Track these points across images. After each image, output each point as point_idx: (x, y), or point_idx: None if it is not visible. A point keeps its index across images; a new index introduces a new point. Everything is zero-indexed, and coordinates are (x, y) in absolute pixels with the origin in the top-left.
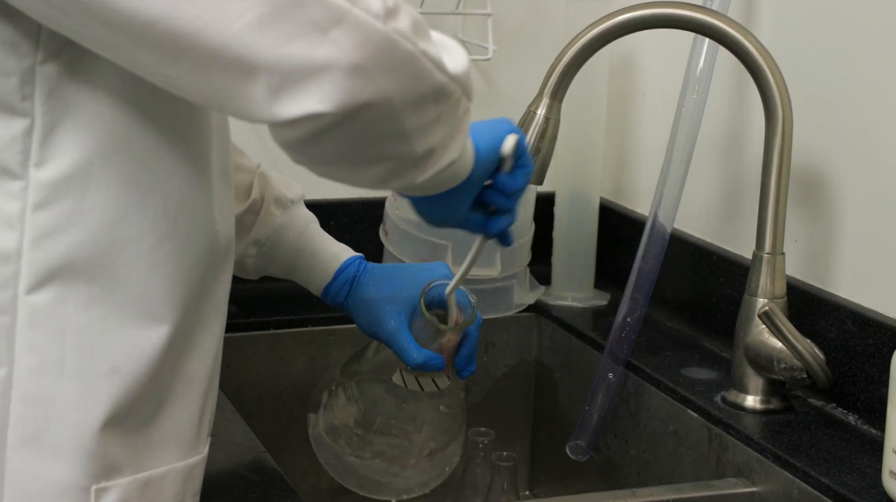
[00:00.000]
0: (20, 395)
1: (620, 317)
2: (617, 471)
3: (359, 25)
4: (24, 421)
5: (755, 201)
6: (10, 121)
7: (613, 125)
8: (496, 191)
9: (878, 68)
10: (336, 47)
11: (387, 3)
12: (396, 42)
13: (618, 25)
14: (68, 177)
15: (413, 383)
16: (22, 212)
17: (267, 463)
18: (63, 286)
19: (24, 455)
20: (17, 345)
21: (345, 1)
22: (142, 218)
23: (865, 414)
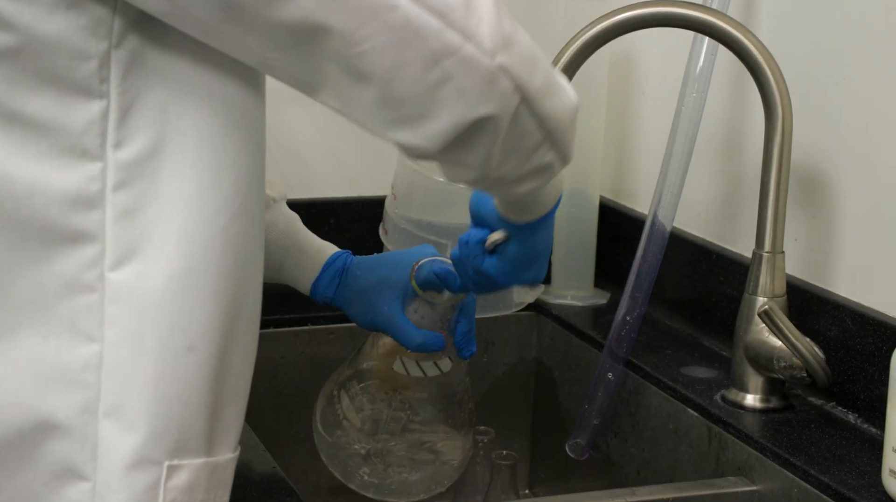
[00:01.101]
0: (107, 368)
1: (620, 316)
2: (616, 470)
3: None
4: (108, 393)
5: (755, 200)
6: (88, 103)
7: (613, 124)
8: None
9: (878, 68)
10: (458, 96)
11: (504, 30)
12: (507, 70)
13: (617, 24)
14: (144, 157)
15: (415, 369)
16: (102, 192)
17: (267, 463)
18: (143, 263)
19: (106, 426)
20: (105, 321)
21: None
22: (215, 196)
23: (865, 413)
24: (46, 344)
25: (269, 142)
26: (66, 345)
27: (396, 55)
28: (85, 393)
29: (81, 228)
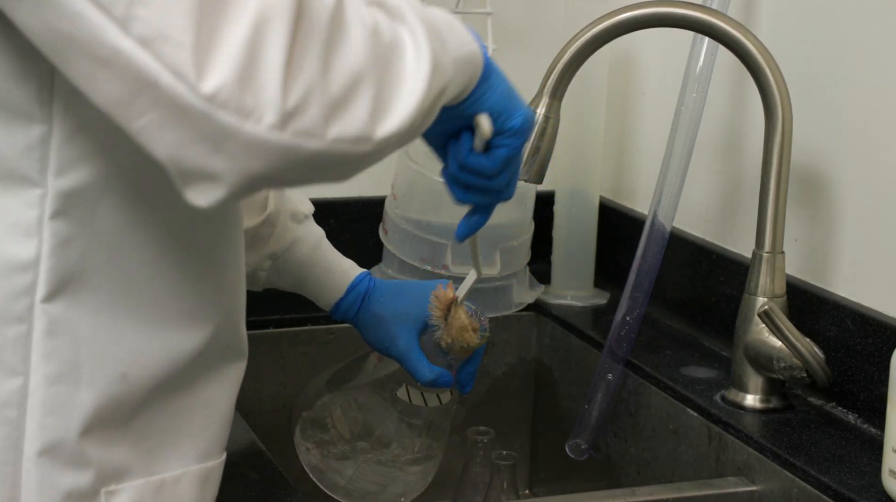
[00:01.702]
0: (38, 404)
1: (620, 316)
2: (616, 470)
3: (250, 143)
4: (42, 430)
5: (755, 200)
6: (28, 127)
7: (613, 124)
8: (466, 170)
9: (878, 68)
10: (231, 161)
11: (288, 102)
12: (298, 147)
13: (617, 24)
14: (86, 186)
15: (418, 398)
16: (40, 220)
17: (267, 462)
18: (77, 293)
19: (41, 464)
20: (33, 354)
21: (235, 117)
22: (147, 228)
23: (865, 413)
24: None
25: None
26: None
27: (177, 135)
28: (7, 429)
29: (14, 256)
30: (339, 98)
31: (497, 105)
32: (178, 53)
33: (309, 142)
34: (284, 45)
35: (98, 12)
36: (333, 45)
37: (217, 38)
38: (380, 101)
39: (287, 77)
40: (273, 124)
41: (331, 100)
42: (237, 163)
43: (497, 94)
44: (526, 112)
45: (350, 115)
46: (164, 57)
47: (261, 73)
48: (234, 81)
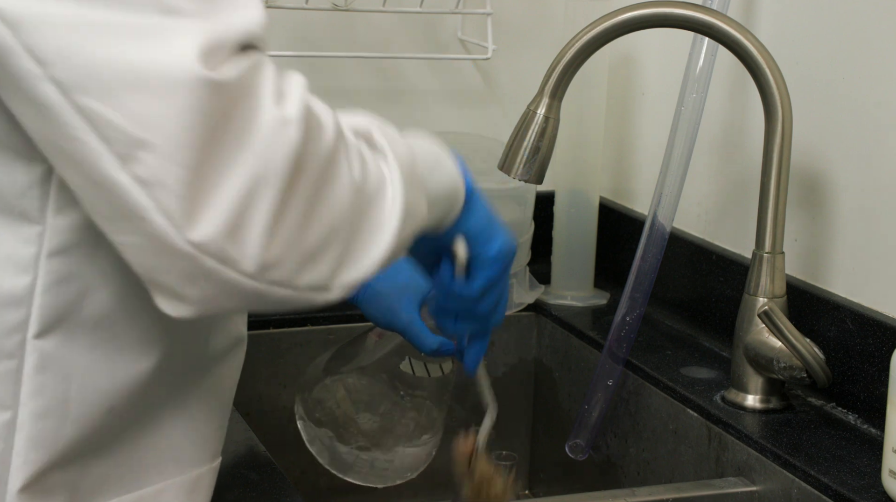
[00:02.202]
0: (24, 439)
1: (620, 316)
2: (616, 470)
3: (226, 285)
4: (26, 465)
5: (755, 200)
6: (29, 166)
7: (613, 124)
8: (450, 296)
9: (879, 68)
10: (203, 294)
11: (267, 255)
12: (269, 292)
13: (617, 25)
14: (85, 224)
15: (421, 369)
16: (37, 257)
17: (267, 462)
18: (70, 330)
19: (21, 499)
20: (23, 389)
21: (216, 263)
22: None
23: (865, 414)
24: None
25: None
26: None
27: (155, 262)
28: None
29: (9, 292)
30: (313, 250)
31: (474, 230)
32: (173, 201)
33: (280, 289)
34: (273, 207)
35: (99, 143)
36: (318, 200)
37: (211, 193)
38: (349, 254)
39: (270, 233)
40: (251, 274)
41: (305, 252)
42: (209, 297)
43: (476, 219)
44: (504, 239)
45: (320, 266)
46: (158, 200)
47: (247, 229)
48: (222, 234)
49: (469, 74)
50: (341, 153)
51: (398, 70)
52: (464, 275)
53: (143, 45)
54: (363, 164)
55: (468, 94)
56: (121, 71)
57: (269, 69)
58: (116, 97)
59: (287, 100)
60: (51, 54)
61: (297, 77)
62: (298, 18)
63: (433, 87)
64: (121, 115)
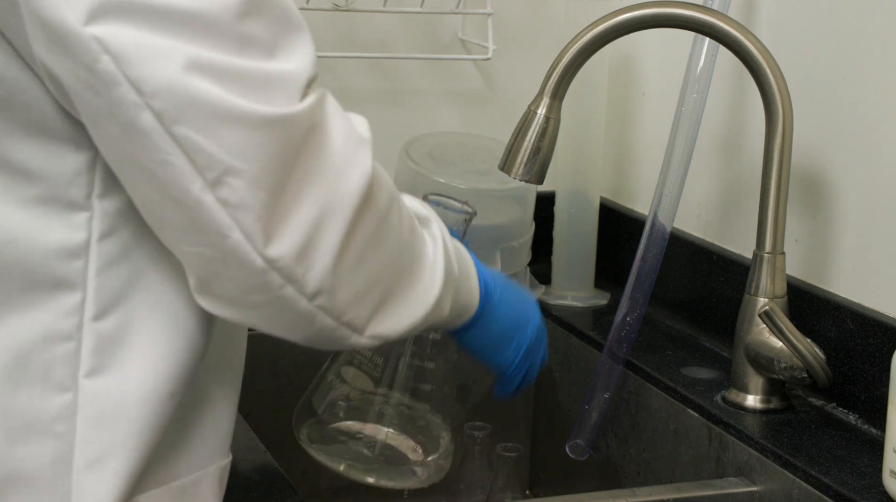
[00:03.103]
0: (85, 419)
1: (620, 317)
2: (617, 471)
3: (281, 300)
4: (86, 443)
5: (755, 200)
6: (76, 154)
7: (613, 125)
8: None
9: (879, 68)
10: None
11: (325, 282)
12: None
13: (618, 25)
14: (129, 207)
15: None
16: (87, 241)
17: (267, 463)
18: (127, 313)
19: (84, 477)
20: (80, 371)
21: (282, 280)
22: None
23: (866, 414)
24: (17, 394)
25: None
26: (38, 396)
27: (218, 271)
28: (55, 443)
29: (63, 277)
30: (363, 289)
31: (480, 346)
32: (254, 222)
33: (325, 317)
34: (340, 236)
35: (191, 168)
36: (375, 242)
37: (287, 216)
38: (387, 305)
39: (334, 261)
40: (308, 294)
41: (356, 288)
42: (257, 306)
43: (486, 335)
44: (516, 347)
45: (363, 306)
46: (240, 220)
47: (315, 252)
48: (293, 254)
49: (469, 75)
50: (395, 208)
51: (398, 70)
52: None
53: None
54: (413, 232)
55: (468, 95)
56: (217, 107)
57: (333, 102)
58: (211, 129)
59: (358, 137)
60: (152, 86)
61: (357, 116)
62: None
63: (433, 88)
64: (214, 144)
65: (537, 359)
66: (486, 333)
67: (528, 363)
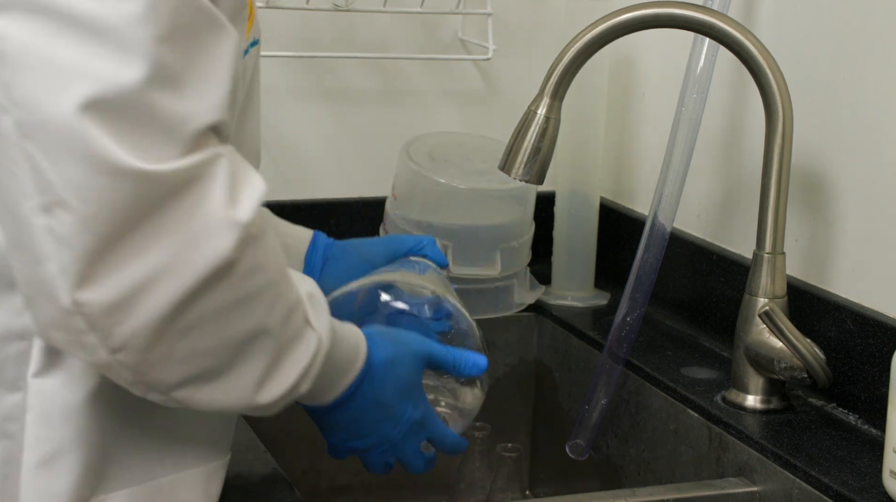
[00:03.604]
0: (35, 418)
1: (620, 317)
2: (617, 471)
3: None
4: (37, 442)
5: (755, 201)
6: None
7: (613, 125)
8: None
9: (879, 68)
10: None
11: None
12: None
13: (618, 25)
14: None
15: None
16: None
17: (267, 463)
18: None
19: (36, 475)
20: (30, 370)
21: (83, 323)
22: None
23: (866, 414)
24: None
25: (269, 142)
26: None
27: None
28: (6, 442)
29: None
30: (180, 359)
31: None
32: (72, 261)
33: (121, 371)
34: (170, 302)
35: (31, 186)
36: (218, 322)
37: (115, 267)
38: (210, 382)
39: (156, 326)
40: (109, 347)
41: (177, 355)
42: (60, 344)
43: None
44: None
45: (178, 371)
46: (59, 254)
47: (132, 311)
48: (105, 306)
49: (469, 75)
50: (267, 294)
51: (398, 70)
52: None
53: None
54: (286, 323)
55: (469, 95)
56: (72, 138)
57: (226, 167)
58: (59, 158)
59: (239, 205)
60: (20, 95)
61: (258, 181)
62: (299, 18)
63: (433, 88)
64: (56, 173)
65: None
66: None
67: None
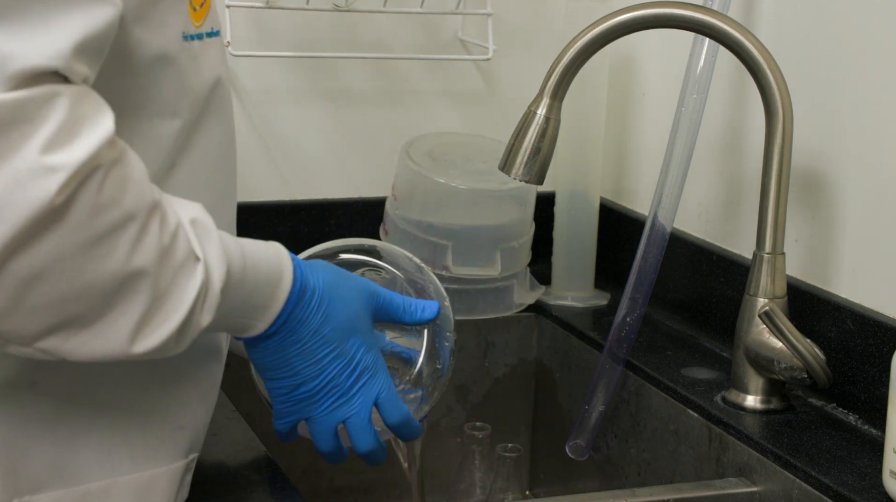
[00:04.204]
0: None
1: (620, 317)
2: (617, 471)
3: None
4: None
5: (755, 201)
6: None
7: (613, 125)
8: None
9: (879, 68)
10: None
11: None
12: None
13: (618, 25)
14: None
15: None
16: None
17: (267, 463)
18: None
19: None
20: None
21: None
22: None
23: (866, 414)
24: None
25: (269, 142)
26: None
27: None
28: None
29: None
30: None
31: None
32: None
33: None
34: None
35: None
36: (67, 267)
37: None
38: (76, 330)
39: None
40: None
41: (23, 305)
42: None
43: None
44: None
45: (29, 323)
46: None
47: None
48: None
49: (469, 75)
50: (124, 235)
51: (398, 70)
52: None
53: None
54: (164, 255)
55: (469, 95)
56: None
57: (58, 106)
58: None
59: (70, 146)
60: None
61: (105, 124)
62: (299, 18)
63: (433, 88)
64: None
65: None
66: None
67: (305, 415)
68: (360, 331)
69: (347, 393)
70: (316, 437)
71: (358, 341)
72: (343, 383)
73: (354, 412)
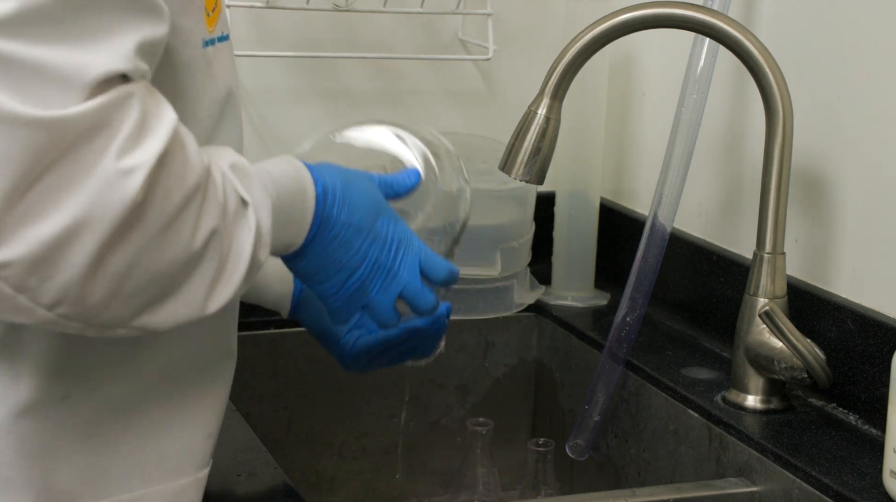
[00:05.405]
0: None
1: (620, 317)
2: (617, 471)
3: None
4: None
5: (755, 201)
6: None
7: (613, 125)
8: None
9: (878, 68)
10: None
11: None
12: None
13: (618, 25)
14: None
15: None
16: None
17: (267, 463)
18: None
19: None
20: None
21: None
22: None
23: (866, 414)
24: None
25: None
26: None
27: None
28: None
29: None
30: (126, 295)
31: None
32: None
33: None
34: (93, 249)
35: None
36: (151, 249)
37: (26, 223)
38: (161, 301)
39: (84, 276)
40: (44, 304)
41: (116, 296)
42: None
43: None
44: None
45: (124, 308)
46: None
47: (57, 265)
48: (24, 264)
49: (469, 75)
50: (189, 213)
51: (398, 70)
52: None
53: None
54: (224, 208)
55: (469, 95)
56: None
57: (133, 107)
58: None
59: (143, 145)
60: None
61: (169, 115)
62: (299, 18)
63: (434, 88)
64: None
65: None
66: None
67: (362, 303)
68: (382, 211)
69: (392, 268)
70: (380, 320)
71: (384, 220)
72: (386, 261)
73: (406, 282)
